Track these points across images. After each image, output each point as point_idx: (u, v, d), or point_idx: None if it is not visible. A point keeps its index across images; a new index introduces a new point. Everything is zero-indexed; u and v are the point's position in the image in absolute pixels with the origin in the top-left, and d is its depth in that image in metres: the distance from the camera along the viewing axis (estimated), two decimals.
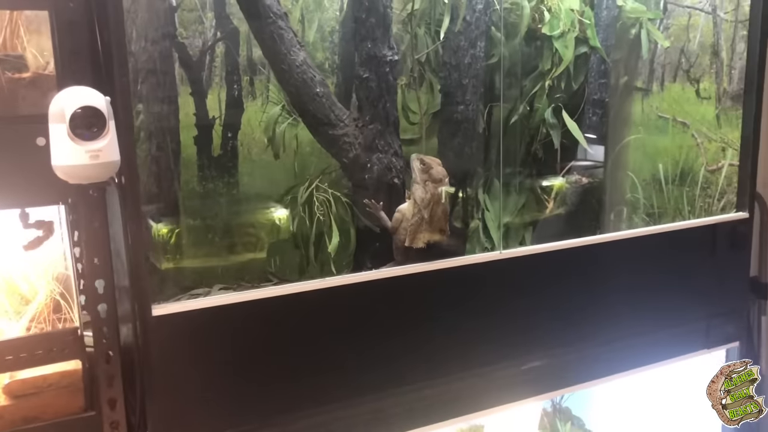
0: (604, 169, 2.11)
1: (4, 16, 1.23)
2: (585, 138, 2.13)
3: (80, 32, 1.13)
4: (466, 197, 1.90)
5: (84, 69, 1.13)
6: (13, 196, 1.12)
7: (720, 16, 1.88)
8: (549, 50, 2.00)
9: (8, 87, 1.11)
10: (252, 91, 1.83)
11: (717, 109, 1.92)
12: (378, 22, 1.60)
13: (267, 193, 1.74)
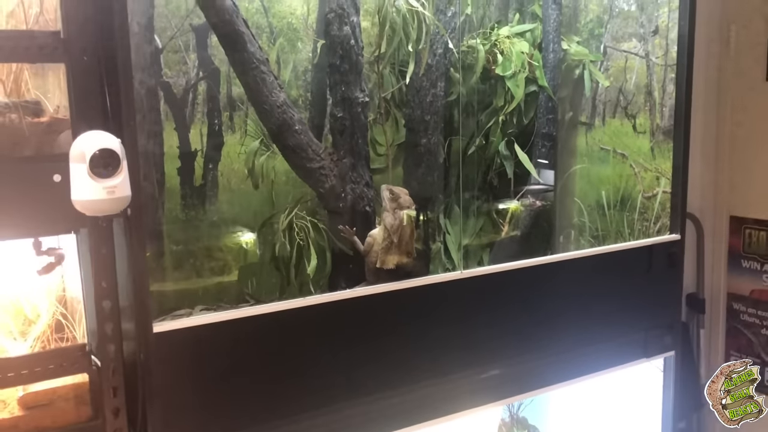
0: (554, 196, 2.31)
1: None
2: (537, 164, 2.33)
3: (92, 81, 1.28)
4: (429, 221, 2.07)
5: (95, 113, 1.27)
6: (31, 226, 1.25)
7: (652, 61, 2.10)
8: (502, 89, 2.20)
9: (29, 130, 1.25)
10: (231, 126, 1.98)
11: (651, 142, 2.14)
12: (351, 68, 1.77)
13: (245, 220, 1.89)
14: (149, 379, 1.35)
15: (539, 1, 2.28)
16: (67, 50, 1.24)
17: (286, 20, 2.01)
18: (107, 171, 1.16)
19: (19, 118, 1.24)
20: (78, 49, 1.25)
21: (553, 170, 2.29)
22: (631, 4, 2.12)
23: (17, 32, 1.26)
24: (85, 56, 1.25)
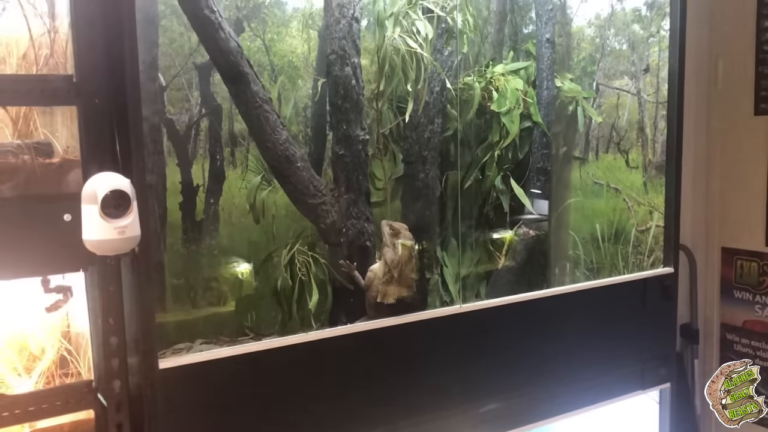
0: (549, 228, 2.35)
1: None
2: (532, 194, 2.36)
3: (102, 123, 1.31)
4: (426, 254, 2.10)
5: (106, 154, 1.31)
6: (41, 264, 1.28)
7: (644, 98, 2.16)
8: (497, 124, 2.25)
9: (40, 171, 1.28)
10: (233, 161, 2.01)
11: (644, 177, 2.19)
12: (352, 107, 1.82)
13: (246, 254, 1.91)
14: (154, 415, 1.37)
15: (532, 40, 2.34)
16: (80, 93, 1.28)
17: (287, 59, 2.06)
18: (118, 211, 1.19)
19: (31, 159, 1.27)
20: (90, 92, 1.29)
21: (548, 200, 2.34)
22: (623, 43, 2.18)
23: (32, 77, 1.30)
24: (97, 99, 1.29)
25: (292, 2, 2.05)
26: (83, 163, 1.28)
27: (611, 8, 2.18)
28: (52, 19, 1.46)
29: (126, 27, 1.28)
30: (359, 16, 1.84)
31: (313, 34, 2.07)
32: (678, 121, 2.08)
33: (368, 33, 2.06)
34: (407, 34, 1.91)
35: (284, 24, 2.05)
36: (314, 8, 2.04)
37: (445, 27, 2.01)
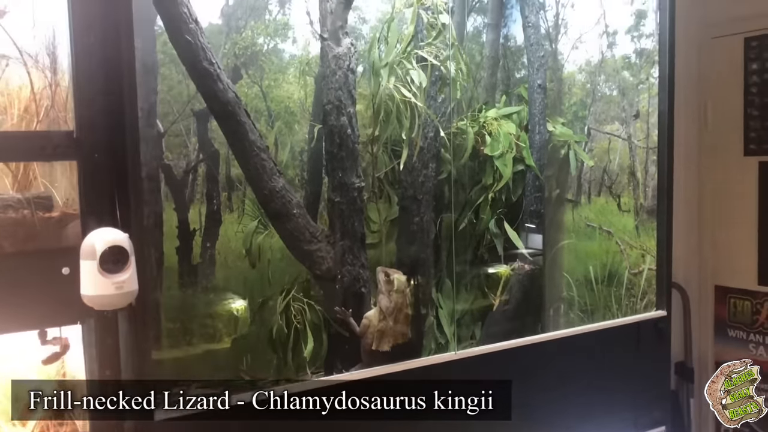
0: (543, 264, 2.37)
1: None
2: (528, 228, 2.38)
3: (102, 178, 1.34)
4: (422, 295, 2.11)
5: (105, 208, 1.33)
6: (39, 317, 1.29)
7: (634, 143, 2.20)
8: (491, 167, 2.28)
9: (39, 225, 1.30)
10: (230, 205, 2.04)
11: (636, 221, 2.22)
12: (347, 155, 1.85)
13: (242, 299, 1.93)
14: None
15: (525, 84, 2.39)
16: (80, 149, 1.30)
17: (284, 104, 2.10)
18: (116, 267, 1.21)
19: (31, 213, 1.29)
20: (89, 147, 1.31)
21: (542, 234, 2.36)
22: (613, 89, 2.23)
23: (33, 133, 1.32)
24: (96, 154, 1.31)
25: (289, 49, 2.10)
26: (82, 217, 1.30)
27: (601, 55, 2.23)
28: (54, 73, 1.49)
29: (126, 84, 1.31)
30: (354, 67, 1.88)
31: (309, 81, 2.10)
32: (668, 166, 2.12)
33: (364, 79, 2.10)
34: (401, 83, 1.95)
35: (281, 71, 2.09)
36: (311, 55, 2.08)
37: (438, 75, 2.06)
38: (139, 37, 1.85)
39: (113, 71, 1.31)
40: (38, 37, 1.56)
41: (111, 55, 1.30)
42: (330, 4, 1.83)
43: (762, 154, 2.72)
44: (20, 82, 1.53)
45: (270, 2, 2.05)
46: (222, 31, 2.00)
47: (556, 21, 2.35)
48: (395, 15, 2.02)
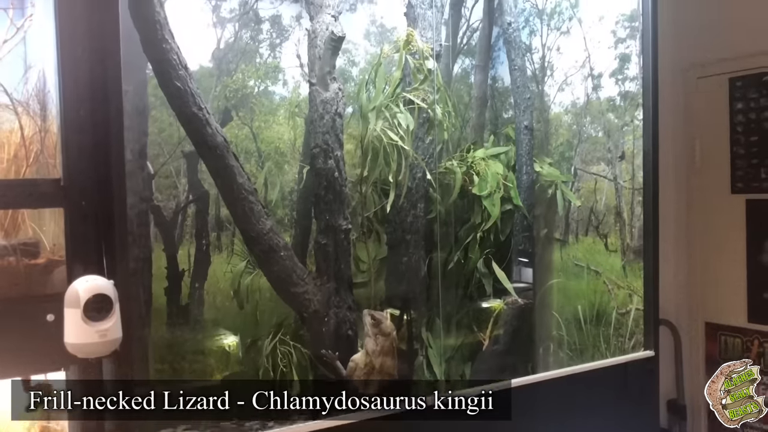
0: (532, 308, 2.38)
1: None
2: (520, 262, 2.39)
3: (88, 225, 1.35)
4: (411, 335, 2.12)
5: (91, 255, 1.34)
6: (22, 365, 1.29)
7: (620, 183, 2.23)
8: (479, 207, 2.30)
9: (25, 272, 1.31)
10: (219, 245, 2.05)
11: (623, 261, 2.23)
12: (335, 197, 1.86)
13: (230, 340, 1.93)
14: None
15: (512, 125, 2.42)
16: (66, 196, 1.31)
17: (274, 145, 2.12)
18: (100, 315, 1.22)
19: (16, 260, 1.30)
20: (77, 194, 1.33)
21: (531, 268, 2.37)
22: (599, 130, 2.26)
23: (20, 181, 1.34)
24: (83, 201, 1.33)
25: (279, 91, 2.13)
26: (68, 263, 1.30)
27: (587, 97, 2.26)
28: (44, 119, 1.51)
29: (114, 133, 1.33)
30: (342, 111, 1.91)
31: (299, 122, 2.13)
32: (654, 207, 2.14)
33: (353, 119, 2.13)
34: (389, 126, 1.97)
35: (272, 112, 2.12)
36: (301, 97, 2.11)
37: (426, 117, 2.08)
38: (131, 81, 1.88)
39: (101, 120, 1.33)
40: (30, 82, 1.58)
41: (99, 104, 1.32)
42: (318, 50, 1.86)
43: (749, 192, 2.75)
44: (10, 127, 1.55)
45: (261, 46, 2.09)
46: (213, 74, 2.03)
47: (542, 63, 2.39)
48: (383, 59, 2.06)
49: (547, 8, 2.37)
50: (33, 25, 1.53)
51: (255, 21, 2.07)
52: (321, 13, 1.91)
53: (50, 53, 1.44)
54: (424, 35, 2.05)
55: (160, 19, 1.56)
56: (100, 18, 1.33)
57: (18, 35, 1.49)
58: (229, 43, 2.05)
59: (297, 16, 2.11)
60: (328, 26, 1.87)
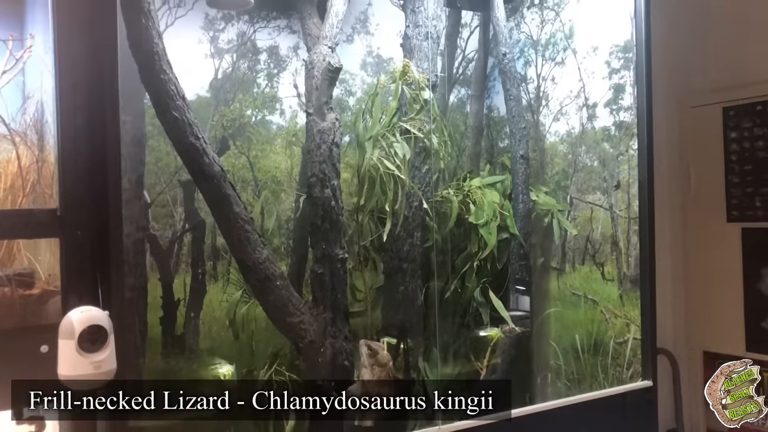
0: (530, 337, 2.37)
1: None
2: (517, 290, 2.38)
3: (84, 255, 1.34)
4: (407, 365, 2.10)
5: (86, 286, 1.33)
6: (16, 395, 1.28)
7: (616, 213, 2.23)
8: (476, 236, 2.30)
9: (19, 303, 1.30)
10: (215, 274, 2.04)
11: (620, 290, 2.23)
12: (331, 226, 1.86)
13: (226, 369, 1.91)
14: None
15: (508, 153, 2.44)
16: (63, 227, 1.31)
17: (270, 174, 2.13)
18: (95, 346, 1.21)
19: (11, 290, 1.30)
20: (73, 225, 1.32)
21: (529, 296, 2.36)
22: (594, 160, 2.27)
23: (17, 211, 1.34)
24: (79, 231, 1.32)
25: (276, 120, 2.14)
26: (63, 294, 1.30)
27: (582, 127, 2.28)
28: (41, 150, 1.52)
29: (111, 163, 1.33)
30: (339, 141, 1.92)
31: (296, 151, 2.14)
32: (650, 237, 2.14)
33: (350, 148, 2.14)
34: (386, 155, 1.98)
35: (268, 141, 2.13)
36: (298, 126, 2.13)
37: (422, 146, 2.09)
38: (129, 111, 1.89)
39: (98, 151, 1.33)
40: (28, 112, 1.59)
41: (96, 134, 1.33)
42: (315, 81, 1.88)
43: (744, 221, 2.75)
44: (7, 157, 1.55)
45: (258, 76, 2.11)
46: (210, 103, 2.04)
47: (537, 93, 2.41)
48: (379, 90, 2.07)
49: (541, 39, 2.39)
50: (32, 57, 1.54)
51: (252, 51, 2.09)
52: (318, 44, 1.93)
53: (49, 84, 1.45)
54: (420, 66, 2.07)
55: (158, 50, 1.57)
56: (99, 49, 1.34)
57: (17, 66, 1.50)
58: (226, 73, 2.06)
59: (294, 46, 2.13)
60: (325, 57, 1.88)
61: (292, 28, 2.14)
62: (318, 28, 1.99)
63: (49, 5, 1.33)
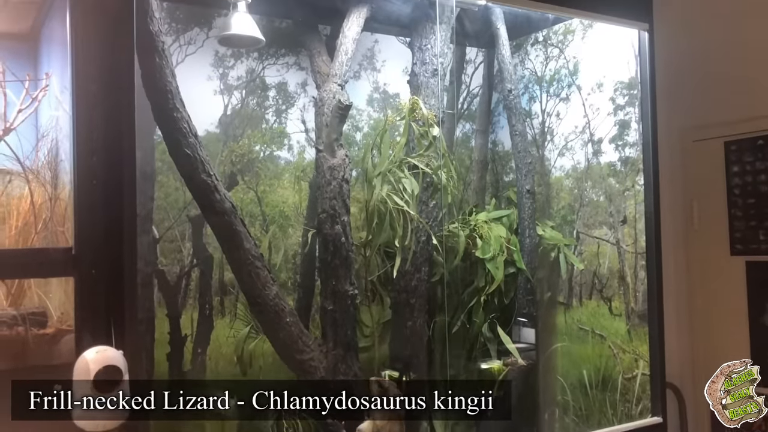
0: (537, 372, 2.36)
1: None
2: (520, 323, 2.37)
3: (98, 294, 1.34)
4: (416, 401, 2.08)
5: (100, 325, 1.32)
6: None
7: (623, 248, 2.24)
8: (482, 270, 2.30)
9: (33, 342, 1.30)
10: (222, 310, 2.04)
11: (628, 325, 2.22)
12: (341, 263, 1.86)
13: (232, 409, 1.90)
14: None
15: (514, 188, 2.45)
16: (77, 265, 1.31)
17: (278, 209, 2.14)
18: (109, 386, 1.20)
19: (25, 330, 1.29)
20: (88, 263, 1.32)
21: (534, 329, 2.35)
22: (600, 195, 2.28)
23: (32, 251, 1.34)
24: (94, 270, 1.32)
25: (284, 156, 2.16)
26: (77, 333, 1.29)
27: (587, 162, 2.30)
28: (54, 188, 1.52)
29: (126, 201, 1.34)
30: (349, 177, 1.93)
31: (304, 186, 2.16)
32: (657, 273, 2.14)
33: (358, 183, 2.15)
34: (394, 191, 1.99)
35: (277, 176, 2.15)
36: (306, 161, 2.14)
37: (430, 181, 2.11)
38: (139, 147, 1.90)
39: (113, 191, 1.34)
40: (42, 150, 1.60)
41: (112, 175, 1.34)
42: (325, 118, 1.90)
43: (748, 254, 2.76)
44: (20, 193, 1.56)
45: (267, 112, 2.13)
46: (220, 139, 2.06)
47: (543, 128, 2.43)
48: (387, 126, 2.09)
49: (546, 75, 2.43)
50: (47, 95, 1.55)
51: (262, 88, 2.12)
52: (328, 81, 1.95)
53: (64, 122, 1.46)
54: (427, 102, 2.09)
55: (172, 89, 1.59)
56: (116, 89, 1.35)
57: (32, 105, 1.51)
58: (235, 109, 2.08)
59: (302, 83, 2.16)
60: (335, 95, 1.90)
61: (300, 65, 2.16)
62: (327, 65, 2.02)
63: (68, 45, 1.35)
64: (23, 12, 1.69)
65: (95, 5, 1.33)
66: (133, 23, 1.36)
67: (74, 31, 1.33)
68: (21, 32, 1.72)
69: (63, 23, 1.36)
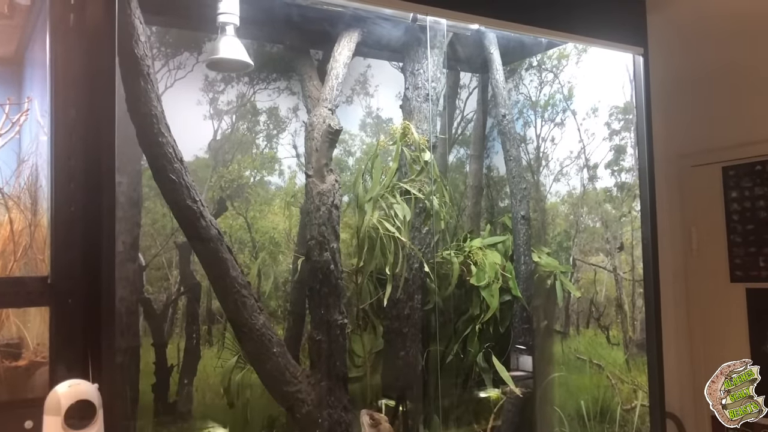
0: (533, 402, 2.29)
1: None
2: (518, 350, 2.32)
3: (74, 324, 1.29)
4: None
5: (75, 357, 1.27)
6: None
7: (620, 275, 2.19)
8: (477, 298, 2.25)
9: (5, 375, 1.24)
10: (209, 339, 1.98)
11: (626, 355, 2.16)
12: (330, 291, 1.81)
13: None
14: None
15: (508, 214, 2.41)
16: (53, 295, 1.26)
17: (268, 235, 2.10)
18: (82, 422, 1.14)
19: None
20: (63, 293, 1.28)
21: (531, 356, 2.30)
22: (596, 221, 2.24)
23: (6, 279, 1.29)
24: (70, 299, 1.27)
25: (275, 181, 2.12)
26: (51, 365, 1.24)
27: (583, 187, 2.26)
28: (34, 214, 1.48)
29: (105, 230, 1.29)
30: (339, 203, 1.89)
31: (295, 211, 2.12)
32: (655, 301, 2.08)
33: (349, 209, 2.11)
34: (386, 217, 1.95)
35: (267, 202, 2.11)
36: (296, 187, 2.10)
37: (422, 206, 2.07)
38: (124, 173, 1.87)
39: (93, 219, 1.29)
40: (22, 176, 1.56)
41: (91, 202, 1.29)
42: (315, 143, 1.86)
43: (748, 281, 2.71)
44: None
45: (257, 137, 2.10)
46: (209, 164, 2.03)
47: (537, 154, 2.40)
48: (379, 151, 2.06)
49: (540, 100, 2.40)
50: (28, 120, 1.52)
51: (252, 113, 2.09)
52: (318, 106, 1.92)
53: (44, 147, 1.42)
54: (419, 127, 2.06)
55: (156, 113, 1.55)
56: (96, 112, 1.31)
57: (12, 129, 1.48)
58: (225, 134, 2.05)
59: (294, 107, 2.13)
60: (325, 119, 1.87)
61: (291, 90, 2.14)
62: (318, 90, 1.99)
63: (47, 68, 1.32)
64: (7, 35, 1.66)
65: (75, 28, 1.30)
66: (115, 47, 1.33)
67: (54, 54, 1.30)
68: (4, 56, 1.69)
69: (45, 46, 1.33)
